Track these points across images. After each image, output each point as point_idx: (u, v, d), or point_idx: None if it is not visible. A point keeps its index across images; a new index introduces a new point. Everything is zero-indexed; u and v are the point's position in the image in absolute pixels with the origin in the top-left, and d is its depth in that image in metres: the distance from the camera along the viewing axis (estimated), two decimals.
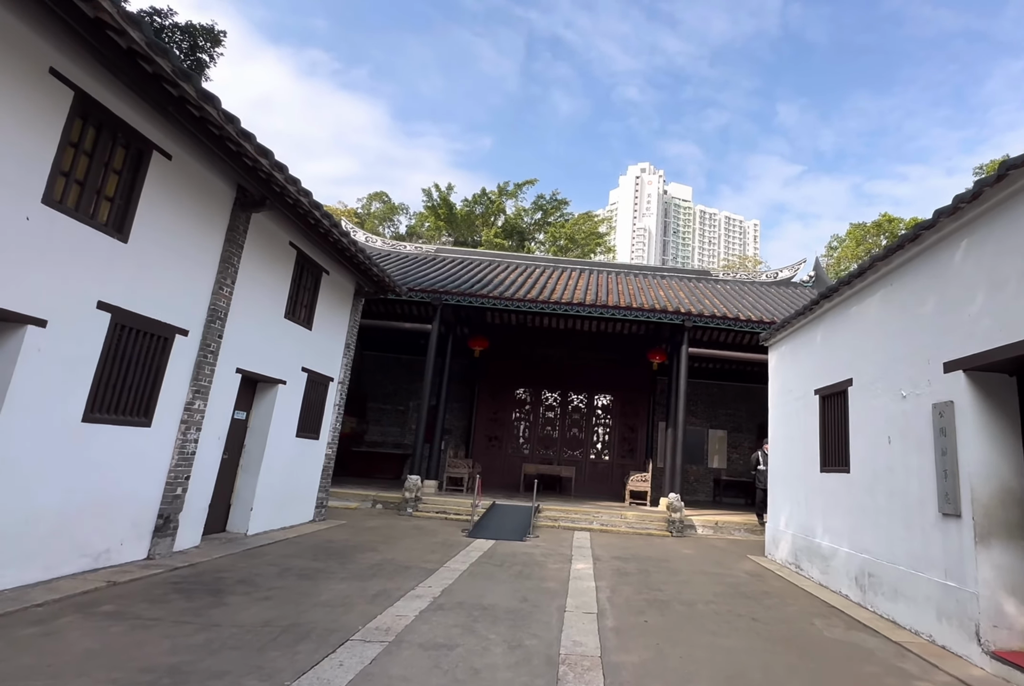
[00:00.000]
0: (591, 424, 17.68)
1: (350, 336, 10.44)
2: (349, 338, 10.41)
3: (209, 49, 13.05)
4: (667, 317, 12.86)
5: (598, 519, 11.70)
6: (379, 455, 17.42)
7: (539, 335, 17.84)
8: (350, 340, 10.44)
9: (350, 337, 10.44)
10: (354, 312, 10.51)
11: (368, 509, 11.54)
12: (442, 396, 13.94)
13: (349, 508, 11.29)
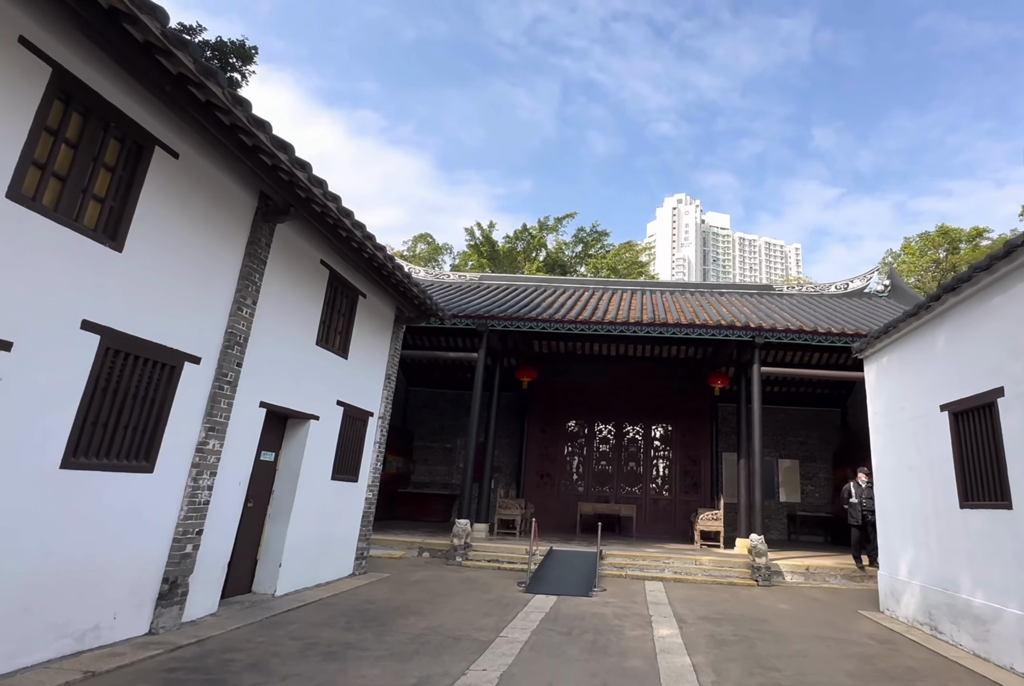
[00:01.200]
0: (649, 457, 16.12)
1: (391, 366, 9.46)
2: (390, 368, 9.42)
3: (241, 67, 12.70)
4: (734, 334, 11.48)
5: (670, 566, 10.13)
6: (426, 496, 16.22)
7: (589, 363, 16.58)
8: (391, 371, 9.45)
9: (391, 367, 9.46)
10: (395, 340, 9.55)
11: (414, 558, 10.28)
12: (490, 431, 12.76)
13: (393, 558, 10.06)
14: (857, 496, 10.54)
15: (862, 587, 9.87)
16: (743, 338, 11.56)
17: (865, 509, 10.37)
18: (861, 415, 17.31)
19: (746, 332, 11.50)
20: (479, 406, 11.65)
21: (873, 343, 8.46)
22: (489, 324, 11.63)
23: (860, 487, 10.63)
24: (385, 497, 15.34)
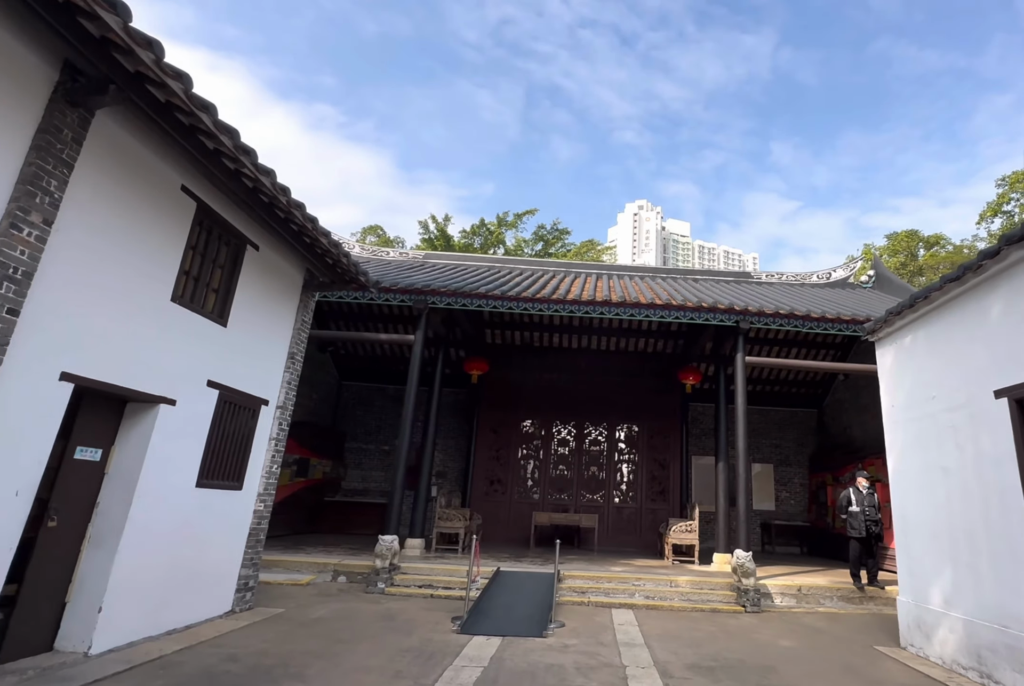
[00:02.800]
0: (613, 461, 14.53)
1: (297, 343, 7.54)
2: (295, 346, 7.50)
3: None
4: (716, 317, 9.98)
5: (641, 589, 8.48)
6: (359, 506, 14.21)
7: (548, 356, 14.92)
8: (296, 349, 7.54)
9: (296, 344, 7.54)
10: (303, 310, 7.63)
11: (325, 584, 8.33)
12: (429, 430, 10.91)
13: (298, 585, 8.08)
14: (858, 504, 9.13)
15: (863, 611, 8.44)
16: (725, 323, 10.08)
17: (868, 519, 8.98)
18: (839, 416, 16.32)
19: (729, 316, 10.03)
20: (413, 399, 9.78)
21: (891, 321, 7.02)
22: (429, 301, 9.81)
23: (861, 493, 9.24)
24: (308, 507, 13.29)
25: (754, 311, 9.86)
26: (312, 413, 14.25)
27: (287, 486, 12.48)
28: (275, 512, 12.44)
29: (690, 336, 13.83)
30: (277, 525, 12.02)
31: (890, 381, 7.24)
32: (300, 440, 12.95)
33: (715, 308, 9.90)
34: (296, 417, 13.96)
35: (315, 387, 14.32)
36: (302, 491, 13.04)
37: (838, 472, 13.96)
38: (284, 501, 12.36)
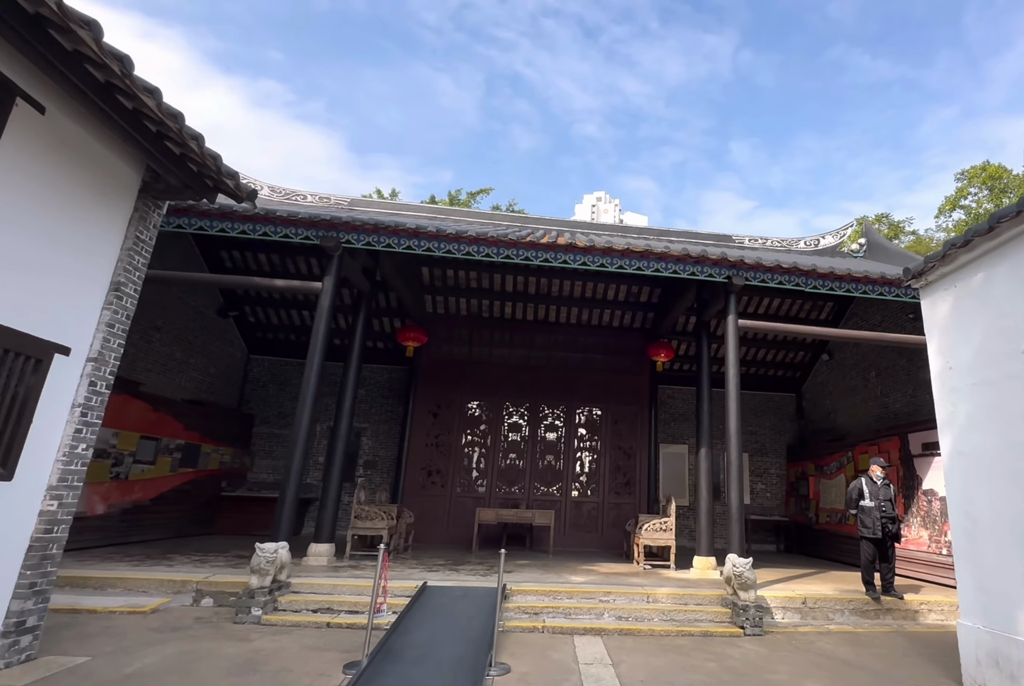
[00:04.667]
0: (572, 449, 12.70)
1: (127, 271, 5.26)
2: (124, 274, 5.22)
3: None
4: (704, 271, 8.18)
5: (611, 606, 6.62)
6: (265, 502, 11.85)
7: (499, 328, 12.95)
8: (127, 278, 5.26)
9: (127, 272, 5.26)
10: (140, 225, 5.34)
11: (181, 610, 6.11)
12: (344, 408, 8.73)
13: (137, 612, 5.83)
14: (872, 497, 7.51)
15: (884, 628, 6.83)
16: (715, 278, 8.30)
17: (884, 516, 7.37)
18: (821, 401, 14.78)
19: (720, 269, 8.26)
20: (318, 370, 7.61)
21: (952, 257, 5.29)
22: (342, 238, 7.64)
23: (875, 485, 7.62)
24: (198, 504, 10.95)
25: (750, 264, 8.11)
26: (208, 390, 11.85)
27: (167, 478, 10.13)
28: (148, 511, 10.04)
29: (664, 305, 12.10)
30: (150, 527, 9.68)
31: (946, 336, 5.54)
32: (187, 421, 10.59)
33: (703, 258, 8.10)
34: (184, 394, 11.50)
35: (212, 359, 11.92)
36: (189, 484, 10.68)
37: (822, 461, 12.54)
38: (163, 497, 10.03)
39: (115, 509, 8.93)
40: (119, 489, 9.04)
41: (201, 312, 11.39)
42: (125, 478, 9.17)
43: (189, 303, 10.98)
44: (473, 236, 7.53)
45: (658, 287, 12.21)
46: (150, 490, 9.73)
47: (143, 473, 9.56)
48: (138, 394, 9.46)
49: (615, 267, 7.97)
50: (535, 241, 7.61)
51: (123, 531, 9.05)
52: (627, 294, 12.39)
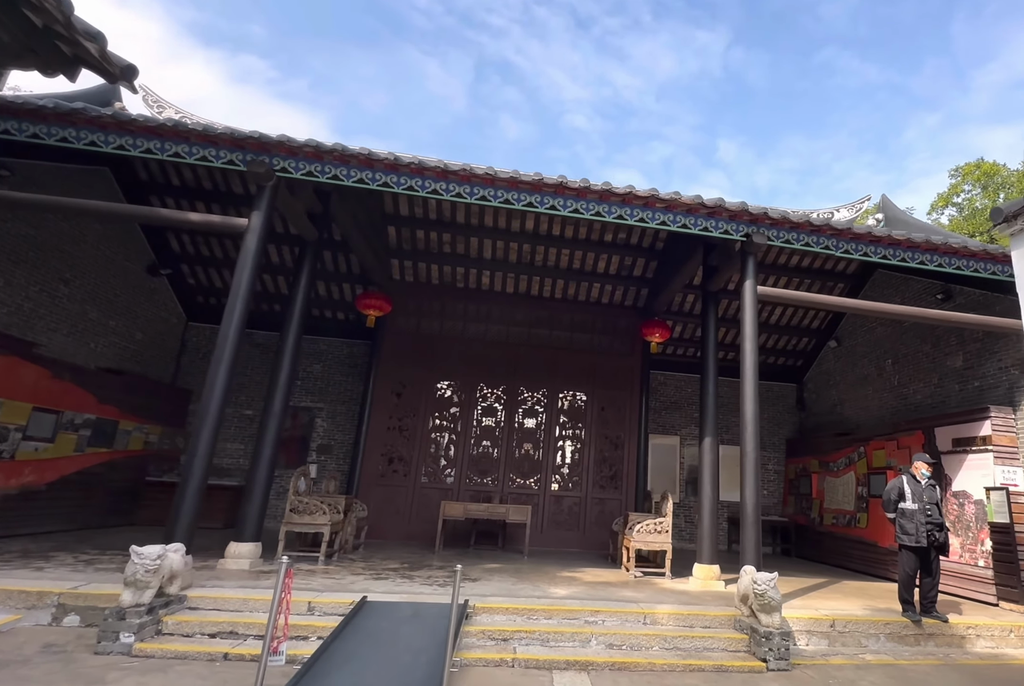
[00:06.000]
0: (553, 437, 11.32)
1: None
2: None
3: None
4: (719, 226, 6.81)
5: (600, 630, 5.24)
6: None
7: (475, 299, 11.49)
8: None
9: None
10: None
11: (30, 632, 4.56)
12: (279, 383, 7.14)
13: None
14: (915, 499, 6.21)
15: (932, 660, 5.57)
16: (731, 235, 6.93)
17: (931, 521, 6.10)
18: (826, 392, 13.24)
19: (737, 225, 6.89)
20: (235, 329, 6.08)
21: None
22: (276, 164, 6.08)
23: (919, 484, 6.32)
24: (114, 490, 9.34)
25: (775, 218, 6.74)
26: (134, 359, 10.19)
27: (71, 459, 8.51)
28: (43, 497, 8.24)
29: (660, 280, 10.73)
30: (46, 517, 8.04)
31: None
32: (101, 394, 8.96)
33: (719, 210, 6.71)
34: (101, 362, 9.32)
35: (139, 323, 10.26)
36: (101, 467, 9.05)
37: (827, 457, 11.34)
38: (65, 481, 8.40)
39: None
40: (1, 471, 7.41)
41: (125, 267, 9.72)
42: (11, 458, 7.53)
43: (108, 255, 9.30)
44: (440, 170, 6.03)
45: (654, 260, 10.85)
46: (47, 473, 8.09)
47: (37, 452, 7.92)
48: (32, 357, 7.81)
49: (613, 217, 6.55)
50: (517, 178, 6.14)
51: (4, 522, 7.42)
52: (619, 267, 11.01)
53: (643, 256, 10.68)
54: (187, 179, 9.30)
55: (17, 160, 7.33)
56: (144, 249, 10.12)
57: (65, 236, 8.45)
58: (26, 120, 5.69)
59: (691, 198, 6.64)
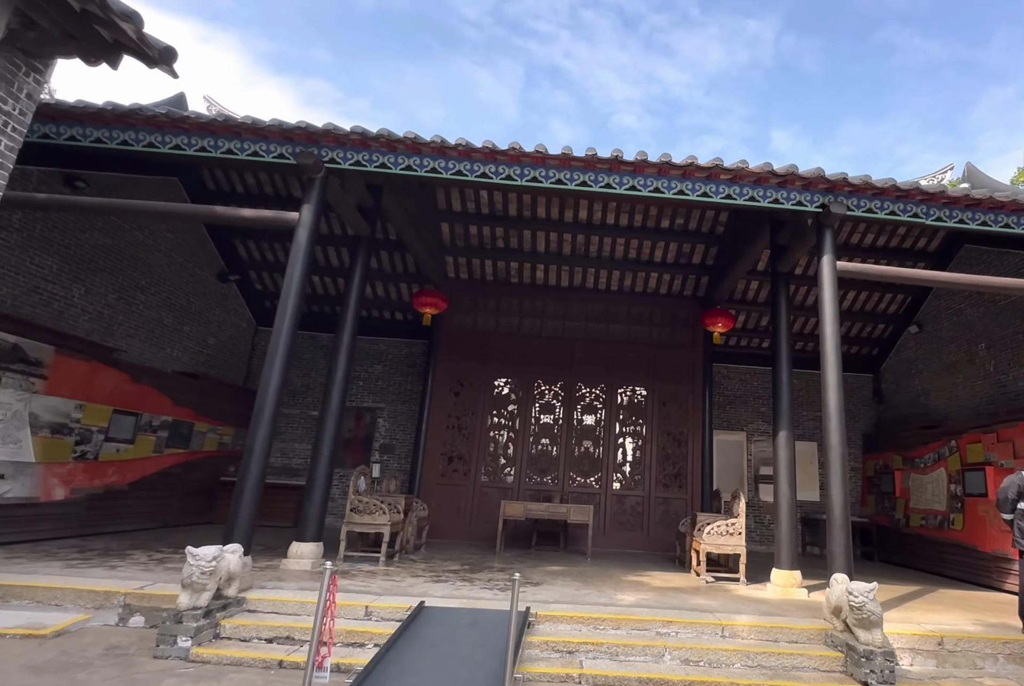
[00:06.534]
0: (613, 434, 10.71)
1: None
2: None
3: None
4: (791, 197, 6.08)
5: (674, 643, 4.65)
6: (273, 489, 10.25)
7: (529, 295, 11.04)
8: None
9: None
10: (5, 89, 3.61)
11: (97, 632, 4.42)
12: (335, 381, 6.89)
13: (33, 636, 4.17)
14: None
15: None
16: (805, 207, 6.17)
17: None
18: (907, 382, 11.04)
19: (812, 194, 6.14)
20: (288, 325, 5.85)
21: None
22: (324, 155, 5.83)
23: None
24: (190, 490, 9.42)
25: (856, 184, 5.93)
26: (208, 363, 10.30)
27: (150, 459, 8.60)
28: (126, 497, 8.44)
29: (721, 266, 9.94)
30: (128, 515, 8.11)
31: None
32: (176, 396, 9.05)
33: (790, 178, 5.97)
34: (177, 366, 9.30)
35: (212, 328, 10.36)
36: (179, 467, 9.14)
37: (912, 452, 10.21)
38: (146, 481, 8.49)
39: (80, 494, 7.40)
40: (86, 471, 7.51)
41: (196, 274, 9.82)
42: (94, 458, 7.64)
43: (180, 262, 9.40)
44: (488, 150, 5.60)
45: (714, 245, 10.06)
46: (128, 473, 8.19)
47: (119, 453, 8.02)
48: (112, 362, 7.91)
49: (673, 192, 5.94)
50: (569, 156, 5.62)
51: (90, 520, 7.52)
52: (677, 254, 10.28)
53: (703, 242, 9.92)
54: (249, 186, 9.30)
55: (93, 172, 7.41)
56: (214, 256, 10.21)
57: (140, 245, 8.56)
58: (89, 125, 5.66)
59: (760, 167, 5.92)
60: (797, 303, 10.62)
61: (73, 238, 7.51)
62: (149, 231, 8.67)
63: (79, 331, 7.66)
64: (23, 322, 6.68)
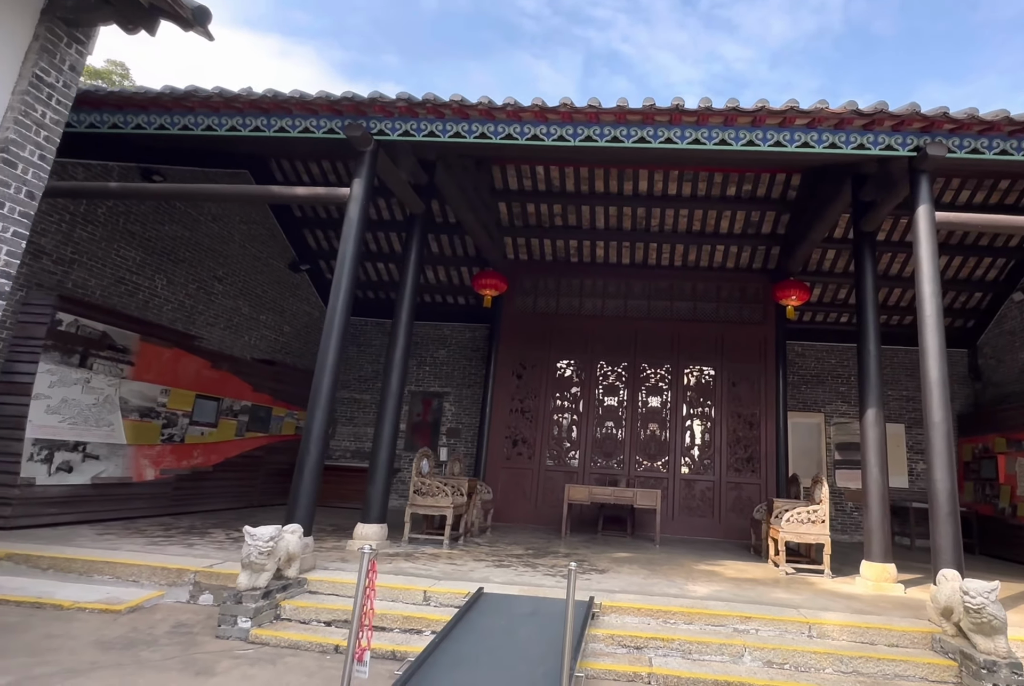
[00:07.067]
0: (680, 416, 10.00)
1: (21, 124, 3.41)
2: (17, 129, 3.38)
3: None
4: (880, 140, 5.20)
5: (752, 641, 4.08)
6: (345, 472, 10.35)
7: (589, 273, 10.45)
8: (21, 134, 3.41)
9: (21, 127, 3.41)
10: (41, 58, 3.42)
11: (169, 609, 4.37)
12: (395, 362, 6.65)
13: (110, 611, 4.16)
14: None
15: None
16: (896, 151, 5.26)
17: None
18: (1011, 356, 9.63)
19: (903, 136, 5.22)
20: (343, 305, 5.63)
21: None
22: (372, 127, 5.52)
23: None
24: (272, 472, 9.56)
25: (958, 119, 4.94)
26: (283, 350, 10.42)
27: (233, 442, 8.74)
28: (211, 478, 8.63)
29: (794, 234, 8.95)
30: (214, 496, 8.27)
31: None
32: (255, 382, 9.15)
33: (879, 117, 5.06)
34: (254, 353, 9.38)
35: (286, 317, 10.46)
36: (260, 450, 9.28)
37: (1018, 434, 8.90)
38: (229, 463, 8.64)
39: (169, 475, 7.58)
40: (173, 453, 7.69)
41: (269, 264, 9.90)
42: (180, 441, 7.81)
43: (254, 253, 9.49)
44: (539, 109, 5.08)
45: (786, 212, 9.07)
46: (212, 455, 8.36)
47: (203, 436, 8.19)
48: (194, 349, 8.05)
49: (742, 143, 5.21)
50: (624, 109, 5.00)
51: (179, 499, 7.71)
52: (745, 224, 9.37)
53: (773, 209, 8.98)
54: (315, 175, 9.22)
55: (168, 166, 7.48)
56: (285, 247, 10.27)
57: (215, 237, 8.66)
58: (153, 112, 5.62)
59: (843, 106, 5.04)
60: (880, 272, 9.46)
61: (153, 230, 7.64)
62: (223, 223, 8.76)
63: (163, 320, 7.83)
64: (111, 311, 6.83)
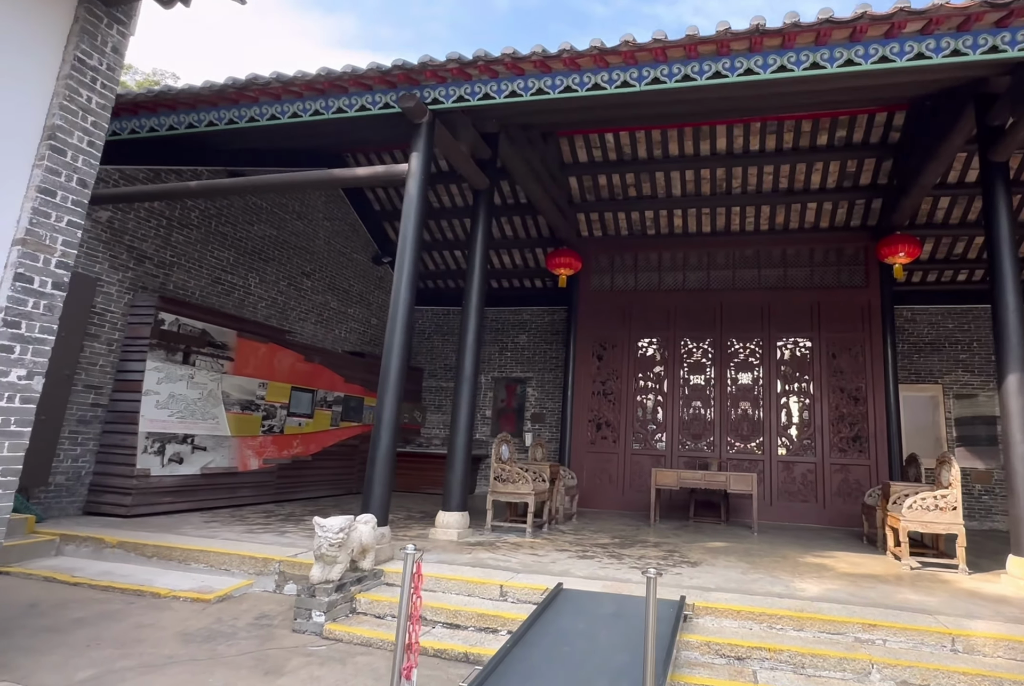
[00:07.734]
0: (774, 393, 8.92)
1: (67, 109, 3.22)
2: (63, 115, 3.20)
3: None
4: (1017, 40, 4.02)
5: (880, 656, 3.29)
6: (434, 459, 10.25)
7: (667, 246, 9.55)
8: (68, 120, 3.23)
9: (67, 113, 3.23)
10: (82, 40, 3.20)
11: (258, 598, 4.28)
12: (467, 345, 6.26)
13: (200, 600, 4.13)
14: None
15: None
16: (1007, 53, 4.05)
17: None
18: None
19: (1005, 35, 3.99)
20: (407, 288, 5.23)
21: None
22: (426, 96, 5.09)
23: None
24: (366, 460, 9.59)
25: None
26: (372, 342, 10.47)
27: (329, 432, 8.85)
28: (311, 467, 8.77)
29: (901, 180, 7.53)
30: (314, 484, 8.42)
31: None
32: (347, 374, 9.21)
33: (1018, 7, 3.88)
34: (344, 346, 9.37)
35: (372, 310, 10.49)
36: (356, 439, 9.37)
37: None
38: (327, 452, 8.76)
39: (272, 464, 7.77)
40: (274, 443, 7.87)
41: (354, 259, 9.93)
42: (280, 432, 7.98)
43: (338, 249, 9.54)
44: (597, 52, 4.38)
45: (888, 157, 7.66)
46: (311, 445, 8.50)
47: (300, 427, 8.34)
48: (287, 343, 8.17)
49: (837, 65, 4.21)
50: (695, 38, 4.17)
51: (282, 488, 7.89)
52: (840, 176, 8.05)
53: (872, 155, 7.62)
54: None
55: (254, 168, 7.49)
56: (367, 241, 10.27)
57: (301, 234, 8.75)
58: (221, 107, 5.57)
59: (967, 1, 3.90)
60: None
61: (244, 231, 7.77)
62: (308, 220, 8.82)
63: (258, 317, 8.00)
64: (208, 310, 7.00)
